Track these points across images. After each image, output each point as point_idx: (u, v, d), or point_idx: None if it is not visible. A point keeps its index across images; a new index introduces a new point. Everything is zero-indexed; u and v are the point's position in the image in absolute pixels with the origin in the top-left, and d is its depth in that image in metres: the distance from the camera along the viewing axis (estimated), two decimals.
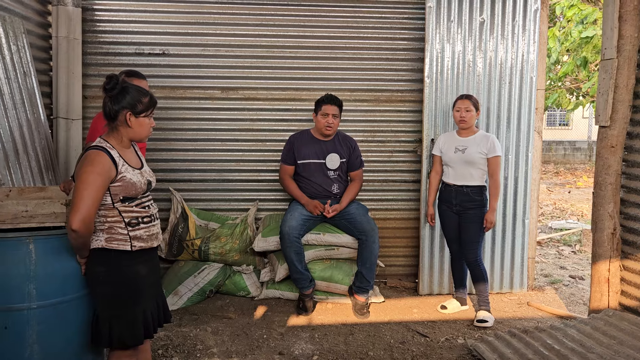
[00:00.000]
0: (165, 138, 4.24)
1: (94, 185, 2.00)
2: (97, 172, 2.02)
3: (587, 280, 4.63)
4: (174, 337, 3.25)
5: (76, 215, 1.96)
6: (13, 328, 2.10)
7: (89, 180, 2.00)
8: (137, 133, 2.17)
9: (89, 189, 1.99)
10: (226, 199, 4.36)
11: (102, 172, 2.03)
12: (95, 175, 2.01)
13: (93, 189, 2.00)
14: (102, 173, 2.03)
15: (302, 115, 4.32)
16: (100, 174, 2.02)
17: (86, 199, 1.98)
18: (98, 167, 2.03)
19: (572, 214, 8.08)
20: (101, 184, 2.02)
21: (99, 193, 2.02)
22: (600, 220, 3.33)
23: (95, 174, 2.01)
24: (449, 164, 3.62)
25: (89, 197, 1.98)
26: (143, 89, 2.20)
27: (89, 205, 1.98)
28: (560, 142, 18.38)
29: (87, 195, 1.98)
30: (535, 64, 4.10)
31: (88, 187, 1.99)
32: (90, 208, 1.99)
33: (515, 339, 2.94)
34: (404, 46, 4.34)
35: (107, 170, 2.05)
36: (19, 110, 3.22)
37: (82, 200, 1.97)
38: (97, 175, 2.01)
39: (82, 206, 1.97)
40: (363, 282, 3.69)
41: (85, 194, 1.98)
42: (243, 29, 4.22)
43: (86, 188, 1.99)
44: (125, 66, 4.05)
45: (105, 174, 2.04)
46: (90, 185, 1.99)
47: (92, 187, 2.00)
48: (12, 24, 3.25)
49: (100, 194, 2.03)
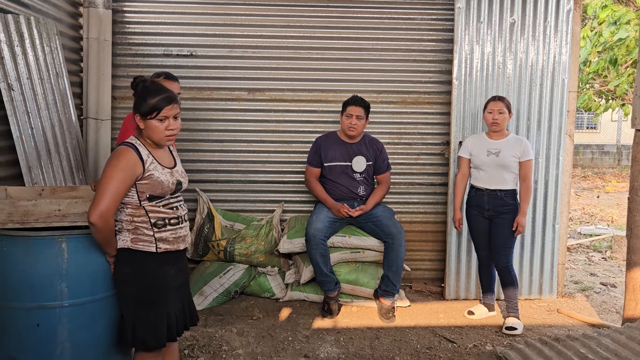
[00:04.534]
0: (192, 139, 4.27)
1: (117, 180, 2.01)
2: (121, 168, 2.02)
3: (619, 288, 4.50)
4: (200, 337, 3.26)
5: (96, 208, 1.97)
6: (45, 325, 2.12)
7: (111, 175, 2.01)
8: (150, 136, 2.12)
9: (111, 183, 2.00)
10: (252, 200, 4.36)
11: (126, 168, 2.03)
12: (119, 171, 2.02)
13: (115, 184, 2.00)
14: (125, 168, 2.03)
15: (328, 117, 4.30)
16: (124, 169, 2.03)
17: (107, 193, 1.99)
18: (122, 162, 2.04)
19: (601, 219, 7.89)
20: (124, 179, 2.02)
21: (121, 188, 2.02)
22: (636, 227, 3.23)
23: (118, 169, 2.02)
24: (480, 167, 3.55)
25: (110, 191, 1.99)
26: (160, 90, 2.11)
27: (109, 200, 1.99)
28: (588, 146, 17.96)
29: (109, 189, 1.99)
30: (567, 65, 4.01)
31: (110, 181, 2.00)
32: (110, 202, 1.99)
33: (546, 347, 2.86)
34: (432, 47, 4.30)
35: (131, 166, 2.04)
36: (52, 111, 3.27)
37: (103, 194, 1.99)
38: (121, 171, 2.02)
39: (102, 200, 1.98)
40: (389, 286, 3.65)
41: (106, 187, 1.99)
42: (270, 30, 4.23)
43: (108, 182, 2.00)
44: (154, 67, 4.10)
45: (129, 170, 2.04)
46: (113, 179, 2.00)
47: (114, 181, 2.00)
48: (45, 25, 3.30)
49: (122, 189, 2.03)
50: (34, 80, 3.14)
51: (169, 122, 2.11)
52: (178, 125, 2.16)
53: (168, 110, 2.09)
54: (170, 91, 2.16)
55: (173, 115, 2.12)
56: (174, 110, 2.12)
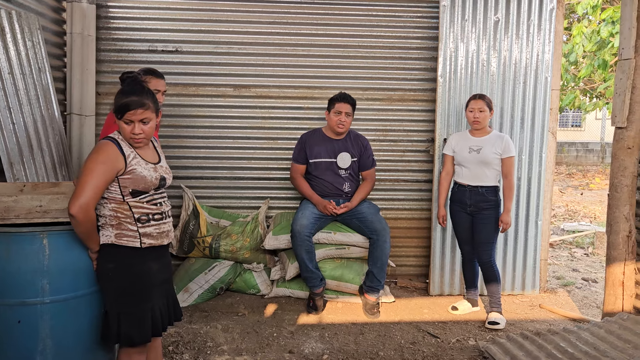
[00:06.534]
0: (177, 135, 4.25)
1: (97, 173, 2.01)
2: (101, 161, 2.03)
3: (600, 283, 4.57)
4: (185, 333, 3.26)
5: (76, 201, 1.98)
6: (26, 322, 2.11)
7: (92, 168, 2.02)
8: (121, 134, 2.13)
9: (91, 176, 2.01)
10: (237, 196, 4.36)
11: (107, 161, 2.04)
12: (99, 163, 2.03)
13: (95, 177, 2.01)
14: (106, 161, 2.04)
15: (314, 113, 4.31)
16: (105, 162, 2.03)
17: (87, 185, 1.99)
18: (103, 155, 2.05)
19: (584, 216, 8.00)
20: (104, 172, 2.03)
21: (101, 181, 2.03)
22: (615, 223, 3.29)
23: (99, 161, 2.03)
24: (462, 164, 3.59)
25: (91, 183, 2.00)
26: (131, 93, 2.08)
27: (89, 192, 1.99)
28: (573, 144, 18.17)
29: (89, 182, 2.00)
30: (550, 63, 4.05)
31: (90, 174, 2.01)
32: (91, 195, 2.00)
33: (527, 341, 2.91)
34: (417, 45, 4.32)
35: (112, 159, 2.05)
36: (34, 106, 3.24)
37: (83, 186, 1.99)
38: (101, 164, 2.03)
39: (82, 192, 1.99)
40: (374, 282, 3.68)
41: (87, 180, 2.00)
42: (256, 26, 4.22)
43: (88, 175, 2.01)
44: (138, 63, 4.07)
45: (109, 163, 2.04)
46: (93, 172, 2.01)
47: (95, 174, 2.01)
48: (27, 19, 3.27)
49: (102, 183, 2.03)
50: (16, 75, 3.11)
51: (133, 126, 2.09)
52: (147, 130, 2.11)
53: (132, 114, 2.07)
54: (146, 95, 2.10)
55: (140, 120, 2.08)
56: (138, 115, 2.07)
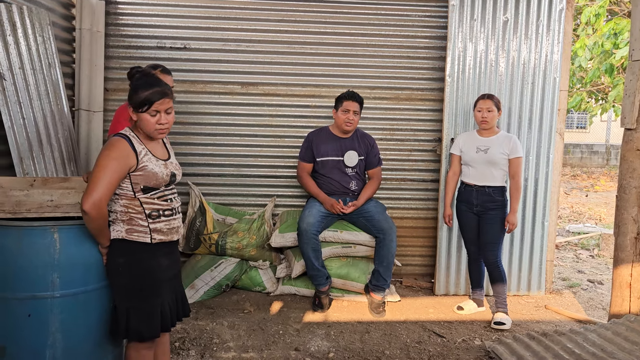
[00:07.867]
0: (184, 132, 4.26)
1: (109, 169, 2.01)
2: (114, 157, 2.03)
3: (606, 285, 4.56)
4: (191, 330, 3.27)
5: (89, 197, 1.98)
6: (36, 316, 2.12)
7: (104, 164, 2.02)
8: (143, 128, 2.12)
9: (104, 172, 2.00)
10: (244, 194, 4.37)
11: (119, 157, 2.04)
12: (111, 160, 2.03)
13: (108, 173, 2.01)
14: (118, 158, 2.03)
15: (321, 112, 4.31)
16: (117, 158, 2.03)
17: (100, 181, 1.99)
18: (115, 151, 2.04)
19: (589, 217, 7.98)
20: (116, 169, 2.03)
21: (114, 178, 2.03)
22: (623, 224, 3.27)
23: (111, 158, 2.03)
24: (470, 163, 3.59)
25: (103, 180, 2.00)
26: (153, 84, 2.09)
27: (102, 188, 1.99)
28: (578, 145, 18.12)
29: (101, 178, 1.99)
30: (559, 64, 4.04)
31: (103, 170, 2.01)
32: (103, 191, 2.00)
33: (534, 341, 2.90)
34: (425, 44, 4.32)
35: (124, 156, 2.05)
36: (44, 101, 3.25)
37: (96, 182, 1.99)
38: (113, 160, 2.03)
39: (95, 188, 1.98)
40: (380, 281, 3.68)
41: (99, 176, 2.00)
42: (264, 24, 4.23)
43: (101, 171, 2.01)
44: (146, 59, 4.08)
45: (121, 159, 2.04)
46: (106, 168, 2.01)
47: (107, 170, 2.01)
48: (38, 15, 3.28)
49: (115, 179, 2.03)
50: (26, 70, 3.12)
51: (159, 116, 2.10)
52: (170, 119, 2.14)
53: (159, 105, 2.08)
54: (165, 85, 2.14)
55: (165, 110, 2.10)
56: (165, 105, 2.10)
